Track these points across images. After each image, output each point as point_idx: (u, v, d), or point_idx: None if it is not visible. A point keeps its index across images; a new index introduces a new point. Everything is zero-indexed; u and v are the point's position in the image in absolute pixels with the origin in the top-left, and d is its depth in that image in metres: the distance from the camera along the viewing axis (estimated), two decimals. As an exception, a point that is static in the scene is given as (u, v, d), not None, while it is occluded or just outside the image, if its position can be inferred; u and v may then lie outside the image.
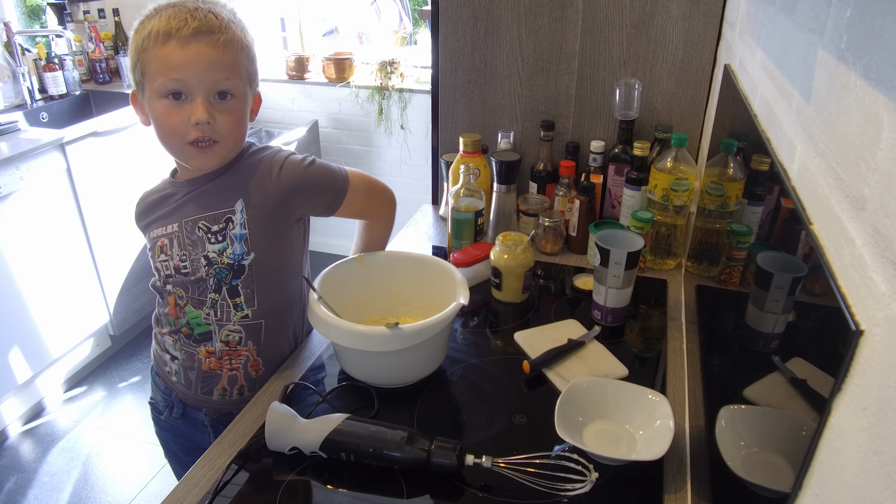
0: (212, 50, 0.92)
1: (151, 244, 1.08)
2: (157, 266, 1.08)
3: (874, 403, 0.36)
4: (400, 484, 0.87)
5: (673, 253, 1.42)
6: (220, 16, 0.94)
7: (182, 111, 0.94)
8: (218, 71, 0.93)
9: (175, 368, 1.13)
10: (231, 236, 1.03)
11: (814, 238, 0.49)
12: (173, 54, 0.91)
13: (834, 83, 0.50)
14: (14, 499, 2.05)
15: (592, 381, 0.99)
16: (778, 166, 0.65)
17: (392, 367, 1.03)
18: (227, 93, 0.96)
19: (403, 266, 1.18)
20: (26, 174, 2.16)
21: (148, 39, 0.91)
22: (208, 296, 1.06)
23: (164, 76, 0.92)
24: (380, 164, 3.17)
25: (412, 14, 3.22)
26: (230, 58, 0.95)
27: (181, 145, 0.97)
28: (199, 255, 1.03)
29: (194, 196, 1.04)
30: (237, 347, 1.08)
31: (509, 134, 1.61)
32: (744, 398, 0.71)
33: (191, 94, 0.93)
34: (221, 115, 0.96)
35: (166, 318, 1.11)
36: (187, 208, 1.04)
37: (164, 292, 1.10)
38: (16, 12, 2.95)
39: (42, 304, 2.29)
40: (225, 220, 1.03)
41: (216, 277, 1.04)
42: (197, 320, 1.07)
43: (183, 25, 0.90)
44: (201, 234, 1.03)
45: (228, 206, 1.03)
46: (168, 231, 1.05)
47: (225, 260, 1.03)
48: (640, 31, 1.45)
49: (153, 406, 1.23)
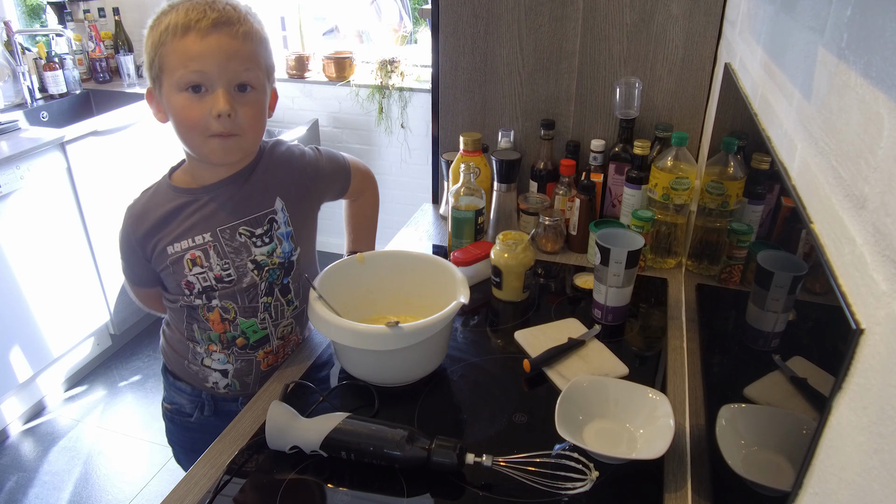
0: (232, 41, 0.91)
1: (175, 259, 1.02)
2: (188, 281, 1.03)
3: (874, 402, 0.36)
4: (400, 483, 0.87)
5: (673, 252, 1.42)
6: (238, 8, 0.94)
7: (202, 104, 0.92)
8: (238, 62, 0.92)
9: (226, 382, 1.11)
10: (278, 236, 1.05)
11: (814, 237, 0.49)
12: (193, 46, 0.89)
13: (834, 82, 0.50)
14: (15, 498, 2.06)
15: (593, 380, 0.99)
16: (778, 165, 0.65)
17: (392, 366, 1.03)
18: (247, 85, 0.94)
19: (404, 265, 1.18)
20: (27, 173, 2.16)
21: (166, 33, 0.90)
22: (260, 301, 1.06)
23: (183, 68, 0.90)
24: (380, 162, 3.17)
25: (412, 13, 3.22)
26: (250, 49, 0.94)
27: (203, 139, 0.94)
28: (245, 260, 1.03)
29: (224, 203, 1.02)
30: (289, 336, 1.15)
31: (509, 133, 1.61)
32: (744, 397, 0.71)
33: (211, 86, 0.92)
34: (242, 107, 0.94)
35: (209, 335, 1.08)
36: (219, 216, 1.01)
37: (199, 309, 1.05)
38: (16, 11, 2.95)
39: (43, 304, 2.30)
40: (269, 222, 1.04)
41: (268, 281, 1.06)
42: (253, 328, 1.08)
43: (202, 17, 0.89)
44: (244, 239, 1.02)
45: (268, 207, 1.04)
46: (198, 243, 1.01)
47: (276, 260, 1.05)
48: (640, 29, 1.45)
49: (175, 410, 1.18)
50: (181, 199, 1.02)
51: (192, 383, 1.14)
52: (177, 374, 1.15)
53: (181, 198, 1.02)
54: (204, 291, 1.04)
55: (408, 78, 2.97)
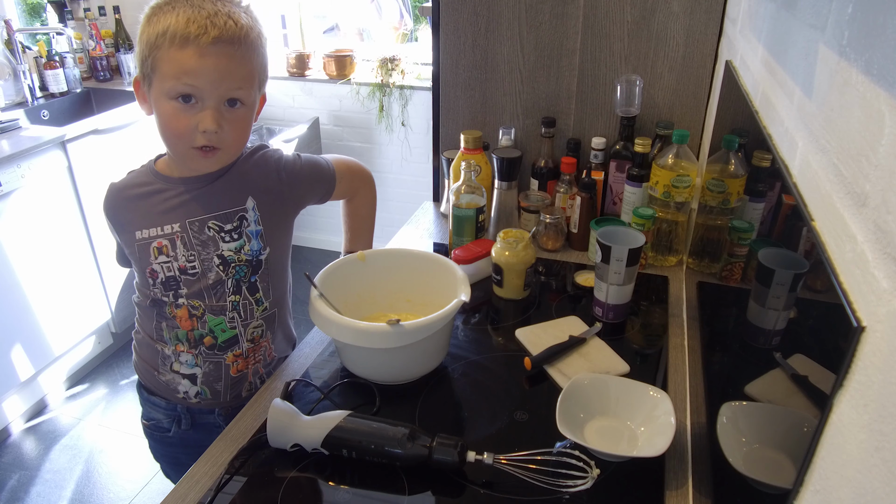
0: (229, 61, 0.91)
1: (142, 245, 1.02)
2: (153, 269, 1.02)
3: (876, 400, 0.36)
4: (402, 480, 0.87)
5: (674, 249, 1.42)
6: (240, 21, 0.92)
7: (190, 116, 0.92)
8: (232, 81, 0.92)
9: (195, 389, 1.10)
10: (247, 233, 1.05)
11: (815, 234, 0.49)
12: (189, 61, 0.88)
13: (835, 79, 0.50)
14: (17, 496, 2.06)
15: (594, 378, 0.99)
16: (779, 162, 0.65)
17: (393, 364, 1.03)
18: (237, 101, 0.94)
19: (405, 263, 1.18)
20: (27, 172, 2.16)
21: (163, 38, 0.88)
22: (227, 299, 1.05)
23: (176, 80, 0.89)
24: (381, 161, 3.16)
25: (413, 10, 3.22)
26: (246, 68, 0.94)
27: (185, 148, 0.95)
28: (212, 254, 1.03)
29: (197, 196, 1.02)
30: (260, 341, 1.12)
31: (510, 131, 1.61)
32: (745, 395, 0.71)
33: (202, 101, 0.91)
34: (229, 123, 0.94)
35: (176, 333, 1.06)
36: (190, 207, 1.02)
37: (166, 305, 1.04)
38: (16, 10, 2.95)
39: (44, 302, 2.30)
40: (238, 219, 1.04)
41: (235, 278, 1.05)
42: (221, 326, 1.06)
43: (202, 33, 0.87)
44: (212, 233, 1.03)
45: (240, 205, 1.04)
46: (166, 231, 1.01)
47: (243, 257, 1.05)
48: (641, 27, 1.45)
49: (153, 426, 1.17)
50: (157, 184, 1.03)
51: (165, 396, 1.12)
52: (150, 388, 1.14)
53: (157, 184, 1.03)
54: (167, 282, 1.03)
55: (408, 76, 2.97)
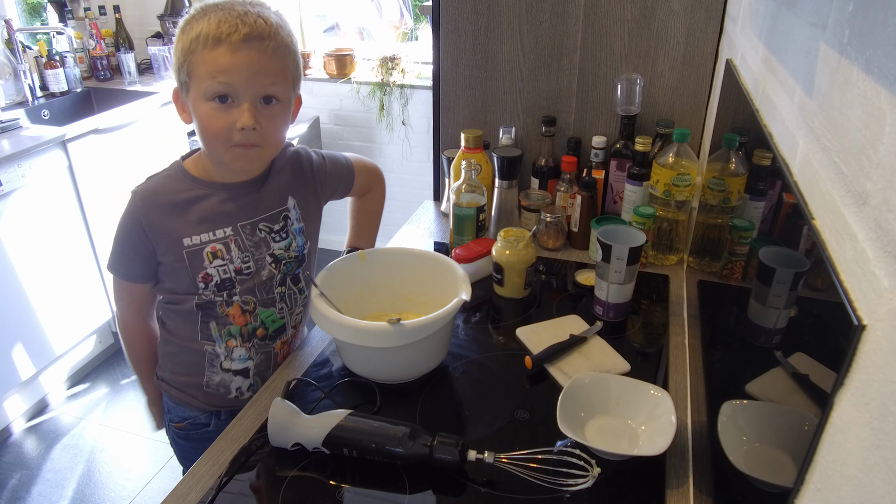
0: (261, 56, 0.92)
1: (194, 251, 1.02)
2: (207, 273, 1.03)
3: (876, 398, 0.36)
4: (402, 479, 0.87)
5: (675, 248, 1.42)
6: (270, 20, 0.94)
7: (228, 115, 0.93)
8: (266, 76, 0.93)
9: (248, 383, 1.12)
10: (292, 231, 1.11)
11: (816, 233, 0.49)
12: (223, 59, 0.90)
13: (836, 78, 0.50)
14: (18, 495, 2.06)
15: (594, 377, 0.99)
16: (780, 161, 0.65)
17: (394, 363, 1.03)
18: (272, 97, 0.96)
19: (405, 262, 1.18)
20: (28, 171, 2.16)
21: (196, 42, 0.91)
22: (275, 291, 1.11)
23: (212, 79, 0.91)
24: (381, 160, 3.16)
25: (413, 9, 3.21)
26: (278, 63, 0.95)
27: (225, 148, 0.96)
28: (264, 254, 1.07)
29: (242, 200, 1.05)
30: (300, 326, 1.19)
31: (511, 129, 1.61)
32: (746, 393, 0.71)
33: (238, 99, 0.93)
34: (266, 120, 0.96)
35: (229, 330, 1.08)
36: (239, 212, 1.04)
37: (216, 305, 1.06)
38: (17, 10, 2.95)
39: (45, 302, 2.30)
40: (283, 218, 1.09)
41: (284, 273, 1.11)
42: (272, 317, 1.12)
43: (233, 31, 0.90)
44: (263, 234, 1.07)
45: (283, 205, 1.10)
46: (219, 236, 1.03)
47: (292, 254, 1.11)
48: (641, 25, 1.45)
49: (189, 424, 1.15)
50: (198, 189, 1.03)
51: (207, 403, 1.12)
52: (184, 399, 1.13)
53: (198, 188, 1.03)
54: (222, 284, 1.05)
55: (409, 75, 2.97)
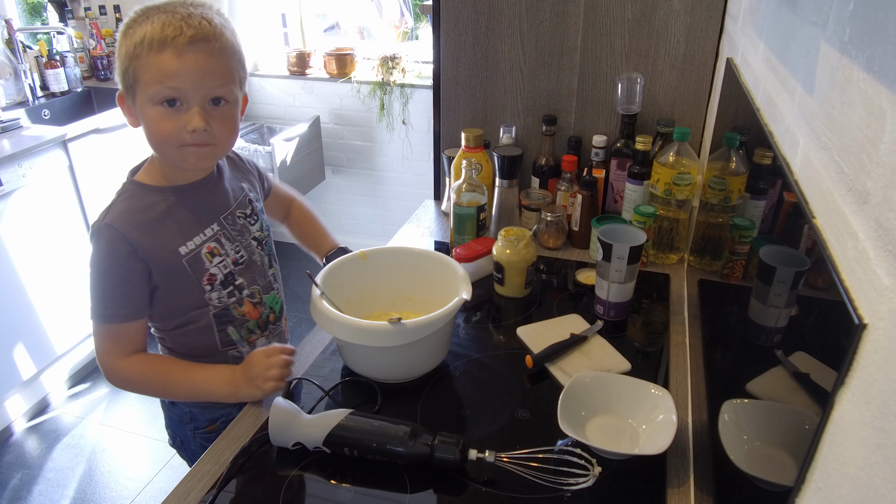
0: (207, 58, 0.92)
1: (192, 257, 1.02)
2: (211, 273, 1.04)
3: (877, 397, 0.36)
4: (403, 479, 0.87)
5: (675, 247, 1.42)
6: (213, 21, 0.93)
7: (177, 118, 0.93)
8: (214, 78, 0.93)
9: None
10: (258, 212, 1.15)
11: (816, 232, 0.49)
12: (169, 63, 0.89)
13: (837, 76, 0.50)
14: (19, 495, 2.06)
15: (595, 376, 0.99)
16: (780, 160, 0.65)
17: (395, 363, 1.03)
18: (221, 99, 0.96)
19: (406, 261, 1.18)
20: (29, 171, 2.16)
21: (141, 46, 0.89)
22: (269, 273, 1.15)
23: (159, 84, 0.90)
24: (381, 159, 3.16)
25: (413, 9, 3.21)
26: (225, 65, 0.95)
27: (176, 149, 0.95)
28: (248, 239, 1.11)
29: (211, 194, 1.07)
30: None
31: (511, 129, 1.61)
32: (746, 392, 0.71)
33: (186, 102, 0.92)
34: (216, 120, 0.95)
35: (248, 327, 1.11)
36: (218, 206, 1.07)
37: (230, 308, 1.08)
38: (17, 10, 2.95)
39: (45, 301, 2.30)
40: (248, 202, 1.13)
41: (267, 253, 1.15)
42: (274, 299, 1.17)
43: (178, 34, 0.89)
44: (242, 221, 1.11)
45: (243, 192, 1.13)
46: (209, 235, 1.04)
47: (265, 233, 1.16)
48: (641, 24, 1.45)
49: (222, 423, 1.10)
50: (168, 198, 1.01)
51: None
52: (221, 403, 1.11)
53: (165, 196, 1.01)
54: (226, 280, 1.07)
55: (409, 74, 2.97)
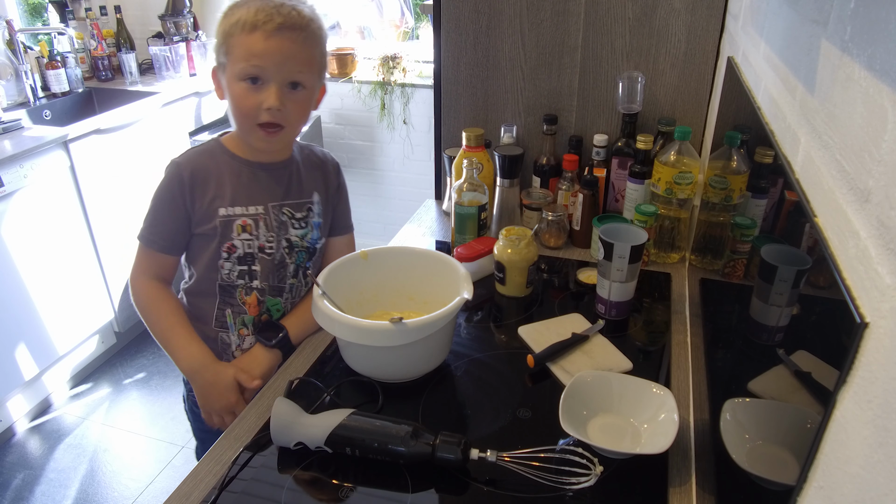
0: (292, 45, 1.01)
1: (226, 221, 1.09)
2: (233, 244, 1.10)
3: (879, 396, 0.36)
4: (405, 478, 0.87)
5: (677, 246, 1.42)
6: (303, 13, 1.03)
7: (257, 95, 1.02)
8: (294, 63, 1.02)
9: None
10: (311, 223, 1.18)
11: (818, 230, 0.49)
12: (257, 44, 0.99)
13: (838, 75, 0.50)
14: (21, 495, 2.07)
15: (597, 375, 0.99)
16: (782, 159, 0.65)
17: (396, 362, 1.03)
18: (299, 84, 1.04)
19: (407, 261, 1.18)
20: (30, 172, 2.16)
21: (235, 26, 1.00)
22: (287, 282, 1.17)
23: (245, 62, 1.00)
24: (382, 159, 3.16)
25: (414, 8, 3.21)
26: (307, 53, 1.04)
27: (251, 125, 1.05)
28: (282, 237, 1.15)
29: (275, 182, 1.13)
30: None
31: (512, 128, 1.61)
32: (748, 391, 0.71)
33: (267, 81, 1.02)
34: (291, 103, 1.04)
35: (242, 319, 1.16)
36: (272, 192, 1.13)
37: (236, 290, 1.13)
38: (18, 10, 2.95)
39: (47, 301, 2.30)
40: (306, 209, 1.17)
41: (296, 262, 1.17)
42: (277, 306, 1.18)
43: (269, 20, 0.99)
44: (286, 218, 1.15)
45: (308, 197, 1.18)
46: (251, 212, 1.11)
47: (304, 244, 1.18)
48: (642, 23, 1.45)
49: None
50: (237, 164, 1.11)
51: None
52: None
53: (237, 164, 1.11)
54: (243, 258, 1.11)
55: (410, 74, 2.97)
